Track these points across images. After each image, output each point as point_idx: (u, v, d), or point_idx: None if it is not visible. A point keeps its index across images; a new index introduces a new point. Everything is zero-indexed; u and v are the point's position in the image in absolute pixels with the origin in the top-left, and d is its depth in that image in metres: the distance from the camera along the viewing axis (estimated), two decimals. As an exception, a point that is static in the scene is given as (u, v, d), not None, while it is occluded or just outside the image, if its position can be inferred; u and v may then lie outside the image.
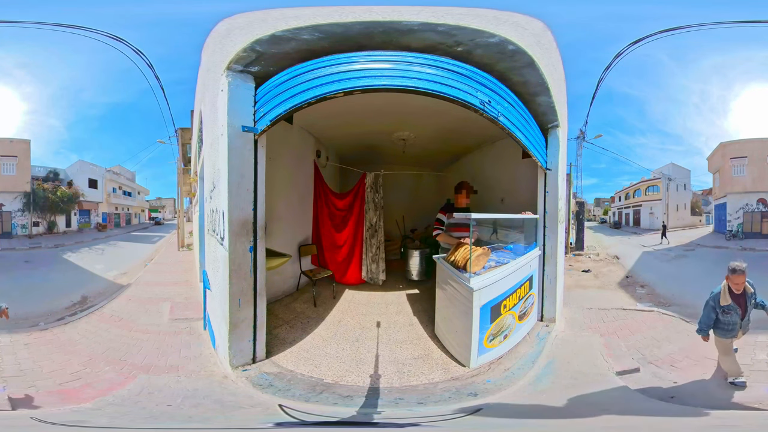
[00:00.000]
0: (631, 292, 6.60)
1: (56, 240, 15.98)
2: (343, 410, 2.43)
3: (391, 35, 2.67)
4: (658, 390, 2.82)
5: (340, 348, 3.43)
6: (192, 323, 4.19)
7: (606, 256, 11.62)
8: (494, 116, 2.99)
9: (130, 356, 3.41)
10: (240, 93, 2.83)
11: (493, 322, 3.14)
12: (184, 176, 13.50)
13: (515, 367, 3.07)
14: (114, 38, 9.72)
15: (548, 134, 3.96)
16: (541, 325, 3.94)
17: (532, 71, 3.08)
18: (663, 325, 4.25)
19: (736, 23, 10.05)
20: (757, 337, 3.53)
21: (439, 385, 2.81)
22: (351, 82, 2.63)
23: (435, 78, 2.70)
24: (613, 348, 3.51)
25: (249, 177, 2.90)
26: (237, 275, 2.89)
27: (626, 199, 30.66)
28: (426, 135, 5.71)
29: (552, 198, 3.99)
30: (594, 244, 15.02)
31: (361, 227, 5.51)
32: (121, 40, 10.00)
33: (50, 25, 9.00)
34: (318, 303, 4.67)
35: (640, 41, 11.20)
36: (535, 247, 4.01)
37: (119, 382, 2.86)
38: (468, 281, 3.04)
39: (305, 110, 2.82)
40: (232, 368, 2.89)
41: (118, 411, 2.45)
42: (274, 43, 2.65)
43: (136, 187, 29.92)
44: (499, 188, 5.45)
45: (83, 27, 8.86)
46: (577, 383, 2.88)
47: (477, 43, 2.75)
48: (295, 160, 5.29)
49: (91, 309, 5.02)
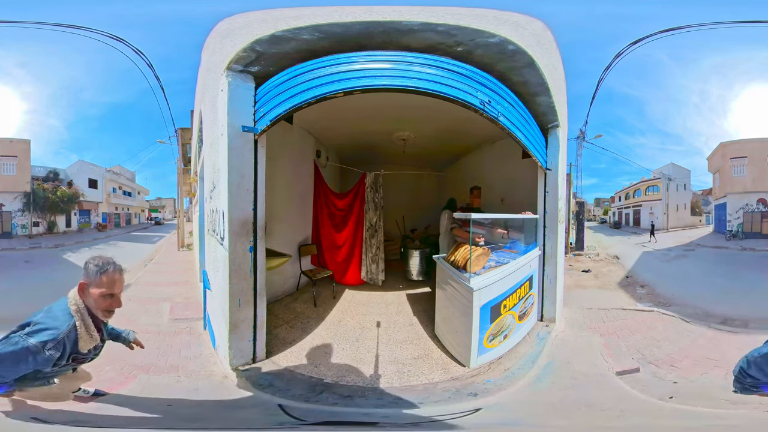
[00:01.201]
0: (631, 292, 6.60)
1: (56, 240, 15.98)
2: (343, 410, 2.43)
3: (391, 35, 2.67)
4: (658, 390, 2.82)
5: (340, 348, 3.43)
6: (192, 323, 4.18)
7: (606, 256, 11.62)
8: (494, 116, 2.99)
9: (130, 356, 3.40)
10: (240, 93, 2.83)
11: (493, 322, 3.14)
12: (184, 176, 13.50)
13: (515, 367, 3.07)
14: (114, 38, 9.74)
15: (548, 134, 3.96)
16: (541, 325, 3.94)
17: (532, 71, 3.08)
18: (663, 325, 4.25)
19: (735, 23, 10.05)
20: (757, 337, 3.53)
21: (439, 385, 2.81)
22: (351, 82, 2.63)
23: (435, 78, 2.70)
24: (613, 348, 3.50)
25: (249, 177, 2.90)
26: (237, 275, 2.89)
27: (626, 199, 30.65)
28: (426, 135, 5.71)
29: (552, 198, 3.99)
30: (594, 244, 15.02)
31: (361, 227, 5.51)
32: (121, 40, 10.01)
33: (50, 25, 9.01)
34: (318, 303, 4.67)
35: (640, 41, 11.21)
36: (535, 247, 4.01)
37: (119, 382, 2.86)
38: (468, 281, 3.04)
39: (305, 110, 2.82)
40: (232, 368, 2.89)
41: (118, 411, 2.45)
42: (274, 43, 2.65)
43: (136, 187, 29.92)
44: (499, 188, 5.45)
45: (83, 27, 8.86)
46: (577, 383, 2.88)
47: (477, 43, 2.75)
48: (295, 160, 5.29)
49: (91, 309, 5.01)
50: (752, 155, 17.17)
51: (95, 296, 1.78)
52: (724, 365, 3.16)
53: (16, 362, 1.68)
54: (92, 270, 1.78)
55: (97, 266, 1.78)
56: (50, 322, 1.74)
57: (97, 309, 1.81)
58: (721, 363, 3.19)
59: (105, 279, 1.78)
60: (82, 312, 1.79)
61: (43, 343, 1.67)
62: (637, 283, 7.46)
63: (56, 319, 1.75)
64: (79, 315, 1.78)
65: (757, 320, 4.31)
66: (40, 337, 1.68)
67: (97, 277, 1.77)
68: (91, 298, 1.79)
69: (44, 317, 1.76)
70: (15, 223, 16.84)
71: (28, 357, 1.67)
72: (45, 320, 1.75)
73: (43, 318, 1.76)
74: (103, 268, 1.78)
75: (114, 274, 1.81)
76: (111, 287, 1.79)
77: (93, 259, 1.82)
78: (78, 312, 1.78)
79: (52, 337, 1.69)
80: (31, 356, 1.67)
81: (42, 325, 1.72)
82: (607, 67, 12.46)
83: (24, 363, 1.68)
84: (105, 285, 1.78)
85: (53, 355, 1.69)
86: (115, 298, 1.83)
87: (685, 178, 26.51)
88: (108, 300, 1.81)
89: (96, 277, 1.77)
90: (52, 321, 1.74)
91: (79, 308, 1.79)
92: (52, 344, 1.68)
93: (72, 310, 1.78)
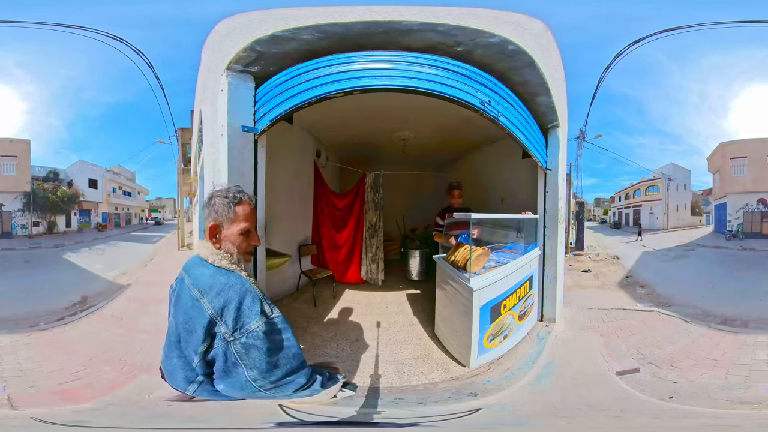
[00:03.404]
0: (631, 292, 6.60)
1: (56, 240, 15.97)
2: (343, 410, 2.43)
3: (392, 35, 2.67)
4: (658, 390, 2.82)
5: (340, 348, 3.43)
6: (192, 323, 4.18)
7: (606, 256, 11.62)
8: (494, 116, 2.99)
9: (130, 356, 3.41)
10: (240, 93, 2.83)
11: (493, 322, 3.14)
12: (184, 176, 13.51)
13: (515, 367, 3.07)
14: (114, 38, 9.72)
15: (548, 134, 3.96)
16: (541, 325, 3.94)
17: (532, 71, 3.08)
18: (663, 325, 4.25)
19: (735, 23, 10.04)
20: (756, 337, 3.53)
21: (439, 385, 2.81)
22: (351, 82, 2.63)
23: (435, 78, 2.70)
24: (613, 348, 3.51)
25: (249, 177, 2.90)
26: (237, 275, 2.89)
27: (626, 199, 30.64)
28: (426, 135, 5.71)
29: (552, 198, 3.99)
30: (594, 244, 15.02)
31: (361, 227, 5.51)
32: (121, 40, 10.00)
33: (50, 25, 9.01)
34: (318, 303, 4.67)
35: (639, 41, 11.20)
36: (535, 247, 4.01)
37: (119, 382, 2.86)
38: (468, 281, 3.04)
39: (305, 110, 2.82)
40: (232, 368, 2.89)
41: (118, 411, 2.45)
42: (274, 43, 2.65)
43: (136, 187, 29.88)
44: (499, 188, 5.45)
45: (83, 27, 8.85)
46: (577, 383, 2.88)
47: (477, 43, 2.75)
48: (295, 160, 5.29)
49: (92, 309, 5.02)
50: (752, 155, 17.17)
51: (233, 237, 1.39)
52: (724, 365, 3.17)
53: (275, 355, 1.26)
54: (221, 205, 1.38)
55: (227, 198, 1.39)
56: (231, 295, 1.27)
57: (238, 254, 1.41)
58: (721, 363, 3.20)
59: (240, 211, 1.40)
60: (238, 259, 1.40)
61: (265, 317, 1.27)
62: (637, 283, 7.46)
63: (231, 288, 1.29)
64: (239, 267, 1.38)
65: (757, 320, 4.30)
66: (251, 317, 1.25)
67: (231, 211, 1.38)
68: (227, 242, 1.39)
69: (221, 300, 1.26)
70: (15, 223, 16.83)
71: (276, 342, 1.27)
72: (228, 299, 1.26)
73: (224, 303, 1.26)
74: (235, 199, 1.39)
75: (249, 203, 1.44)
76: (249, 219, 1.42)
77: (217, 192, 1.42)
78: (233, 263, 1.37)
79: (261, 304, 1.28)
80: (276, 339, 1.27)
81: (232, 308, 1.25)
82: (607, 67, 12.45)
83: (280, 352, 1.28)
84: (242, 218, 1.40)
85: (284, 318, 1.32)
86: (252, 235, 1.45)
87: (685, 178, 26.49)
88: (247, 238, 1.42)
89: (229, 212, 1.38)
90: (233, 294, 1.27)
91: (232, 256, 1.38)
92: (269, 307, 1.30)
93: (225, 266, 1.35)
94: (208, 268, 1.35)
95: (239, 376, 1.24)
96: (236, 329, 1.24)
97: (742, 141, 17.87)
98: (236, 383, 1.25)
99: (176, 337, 1.39)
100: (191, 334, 1.29)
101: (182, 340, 1.35)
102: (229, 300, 1.26)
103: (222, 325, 1.24)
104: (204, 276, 1.33)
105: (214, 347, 1.26)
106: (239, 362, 1.23)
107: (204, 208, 1.42)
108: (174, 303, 1.42)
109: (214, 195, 1.41)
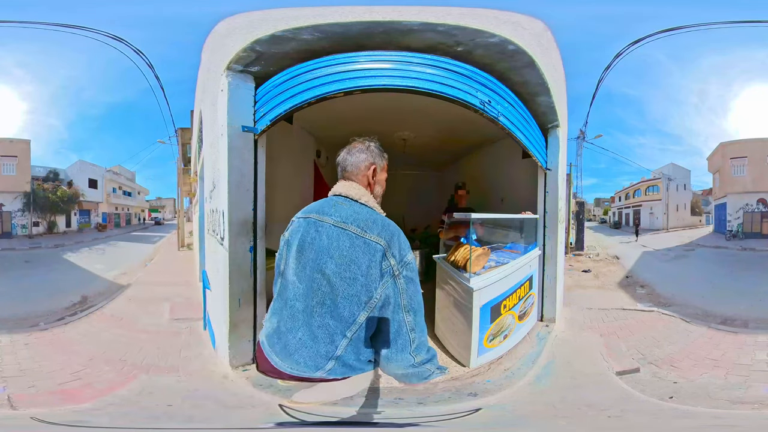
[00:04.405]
0: (631, 292, 6.60)
1: (56, 240, 15.98)
2: (343, 410, 2.43)
3: (392, 35, 2.67)
4: (658, 390, 2.82)
5: (340, 348, 3.43)
6: (192, 323, 4.19)
7: (606, 256, 11.63)
8: (494, 116, 2.99)
9: (130, 356, 3.41)
10: (240, 93, 2.83)
11: (493, 322, 3.14)
12: (184, 176, 13.51)
13: (515, 367, 3.07)
14: (114, 38, 9.74)
15: (548, 134, 3.96)
16: (541, 325, 3.94)
17: (532, 71, 3.08)
18: (663, 325, 4.25)
19: (735, 23, 10.05)
20: (757, 337, 3.54)
21: (439, 385, 2.81)
22: (351, 82, 2.63)
23: (435, 78, 2.70)
24: (613, 348, 3.51)
25: (249, 177, 2.90)
26: (237, 275, 2.89)
27: (626, 199, 30.67)
28: (426, 135, 5.71)
29: (552, 198, 3.99)
30: (594, 244, 15.02)
31: (361, 227, 5.51)
32: (121, 40, 10.02)
33: (50, 25, 9.02)
34: (318, 303, 4.66)
35: (639, 41, 11.21)
36: (535, 247, 4.01)
37: (119, 382, 2.86)
38: (468, 281, 3.04)
39: (305, 110, 2.82)
40: (233, 368, 2.89)
41: (118, 411, 2.45)
42: (274, 43, 2.65)
43: (136, 187, 29.92)
44: (499, 188, 5.46)
45: (83, 27, 8.86)
46: (577, 383, 2.88)
47: (477, 43, 2.75)
48: (295, 160, 5.29)
49: (92, 309, 5.02)
50: (752, 155, 17.18)
51: (383, 182, 1.46)
52: (724, 365, 3.17)
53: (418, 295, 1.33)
54: (377, 150, 1.44)
55: (377, 146, 1.45)
56: (393, 228, 1.26)
57: (377, 197, 1.45)
58: (721, 363, 3.20)
59: (386, 158, 1.49)
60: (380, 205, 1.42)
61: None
62: (637, 283, 7.46)
63: (390, 223, 1.28)
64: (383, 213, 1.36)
65: (757, 320, 4.31)
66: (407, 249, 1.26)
67: (384, 159, 1.46)
68: (378, 186, 1.44)
69: (388, 232, 1.22)
70: (15, 223, 16.84)
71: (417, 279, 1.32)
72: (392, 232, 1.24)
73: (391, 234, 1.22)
74: (382, 148, 1.47)
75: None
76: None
77: (364, 139, 1.46)
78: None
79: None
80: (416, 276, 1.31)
81: (397, 239, 1.23)
82: (607, 67, 12.48)
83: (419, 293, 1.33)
84: (386, 169, 1.48)
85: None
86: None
87: (685, 178, 26.53)
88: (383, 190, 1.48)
89: (383, 158, 1.45)
90: (394, 228, 1.27)
91: (379, 201, 1.42)
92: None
93: (375, 208, 1.34)
94: (362, 207, 1.29)
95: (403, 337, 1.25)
96: (400, 261, 1.20)
97: (742, 141, 17.89)
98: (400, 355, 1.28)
99: (309, 302, 1.22)
100: (353, 282, 1.17)
101: (339, 296, 1.18)
102: (393, 232, 1.23)
103: (391, 257, 1.18)
104: (362, 212, 1.26)
105: (383, 289, 1.18)
106: (400, 305, 1.21)
107: (352, 153, 1.41)
108: (307, 256, 1.25)
109: (366, 140, 1.44)
